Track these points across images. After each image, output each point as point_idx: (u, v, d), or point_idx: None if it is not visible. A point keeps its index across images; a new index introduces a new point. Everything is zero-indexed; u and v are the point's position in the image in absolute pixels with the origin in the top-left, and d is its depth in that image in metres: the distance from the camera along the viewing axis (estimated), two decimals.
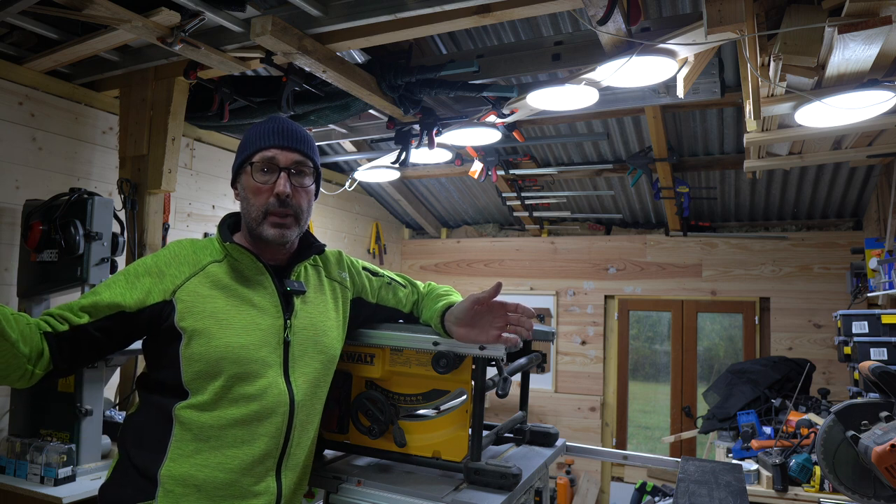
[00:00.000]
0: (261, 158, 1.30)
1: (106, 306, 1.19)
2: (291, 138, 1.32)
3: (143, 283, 1.23)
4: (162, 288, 1.23)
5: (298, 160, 1.32)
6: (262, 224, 1.30)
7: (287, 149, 1.31)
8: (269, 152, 1.30)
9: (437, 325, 1.40)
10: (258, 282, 1.31)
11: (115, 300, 1.20)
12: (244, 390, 1.22)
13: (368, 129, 3.95)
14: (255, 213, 1.30)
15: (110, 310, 1.19)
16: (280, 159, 1.30)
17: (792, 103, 2.36)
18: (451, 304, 1.41)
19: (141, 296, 1.22)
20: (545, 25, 3.04)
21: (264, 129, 1.33)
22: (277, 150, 1.30)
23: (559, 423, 5.11)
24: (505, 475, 1.32)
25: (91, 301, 1.20)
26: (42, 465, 2.18)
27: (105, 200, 2.51)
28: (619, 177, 4.67)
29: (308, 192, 1.35)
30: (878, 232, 3.83)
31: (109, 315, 1.19)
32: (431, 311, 1.45)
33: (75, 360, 1.19)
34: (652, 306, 5.17)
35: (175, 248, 1.31)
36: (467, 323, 1.35)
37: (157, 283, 1.23)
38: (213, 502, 1.20)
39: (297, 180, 1.32)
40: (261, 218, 1.30)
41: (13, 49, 2.72)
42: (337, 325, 1.41)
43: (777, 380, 3.55)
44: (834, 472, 1.62)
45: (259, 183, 1.30)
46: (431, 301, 1.49)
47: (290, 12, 2.44)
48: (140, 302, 1.21)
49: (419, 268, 5.97)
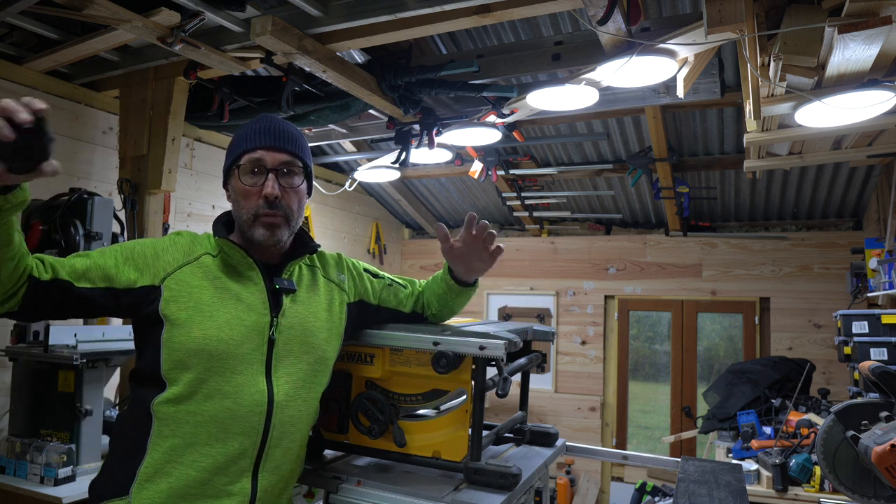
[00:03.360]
0: (248, 160, 1.29)
1: (99, 276, 1.20)
2: (278, 138, 1.30)
3: (137, 262, 1.24)
4: (153, 272, 1.23)
5: (286, 160, 1.30)
6: (253, 227, 1.29)
7: (274, 149, 1.29)
8: (255, 154, 1.29)
9: (448, 281, 1.50)
10: (248, 277, 1.30)
11: (108, 272, 1.20)
12: (219, 386, 1.21)
13: (368, 129, 3.95)
14: (245, 216, 1.30)
15: (102, 281, 1.20)
16: (267, 160, 1.28)
17: (792, 103, 2.36)
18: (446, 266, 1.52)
19: (133, 276, 1.22)
20: (545, 25, 3.04)
21: (251, 130, 1.32)
22: (264, 151, 1.29)
23: (559, 423, 5.11)
24: (505, 475, 1.31)
25: (85, 265, 1.19)
26: (42, 465, 2.18)
27: (105, 200, 2.51)
28: (619, 177, 4.67)
29: (298, 191, 1.33)
30: (878, 232, 3.83)
31: (98, 286, 1.20)
32: (436, 278, 1.54)
33: (40, 311, 1.18)
34: (652, 306, 5.17)
35: (174, 237, 1.32)
36: (464, 263, 1.48)
37: (150, 266, 1.24)
38: (186, 500, 1.19)
39: (286, 181, 1.30)
40: (251, 221, 1.29)
41: (13, 49, 2.72)
42: (329, 327, 1.39)
43: (777, 380, 3.55)
44: (834, 472, 1.62)
45: (247, 185, 1.29)
46: (433, 280, 1.57)
47: (290, 12, 2.44)
48: (130, 282, 1.22)
49: (419, 268, 5.97)
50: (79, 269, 1.19)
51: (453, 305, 1.55)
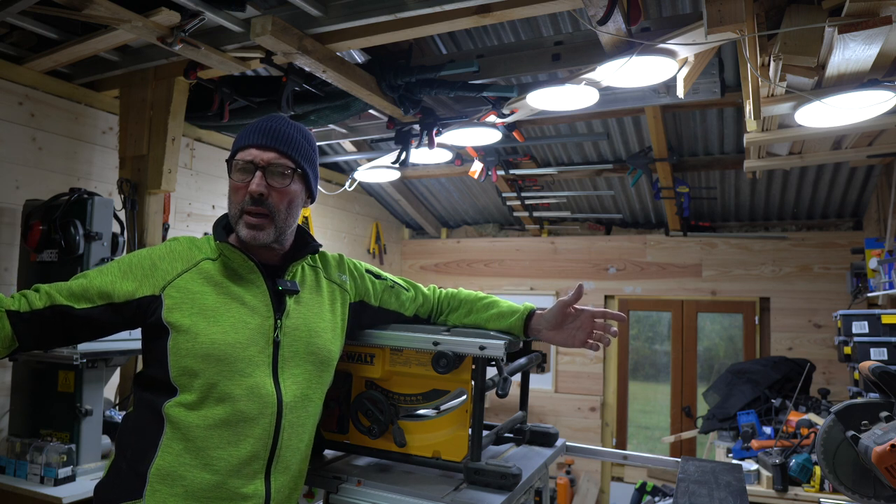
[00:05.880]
0: (240, 157, 1.30)
1: (97, 294, 1.20)
2: (271, 137, 1.29)
3: (135, 274, 1.24)
4: (152, 282, 1.24)
5: (273, 160, 1.29)
6: (238, 223, 1.30)
7: (264, 148, 1.29)
8: (248, 152, 1.29)
9: (519, 331, 1.47)
10: (250, 280, 1.30)
11: (105, 289, 1.21)
12: (229, 389, 1.21)
13: (368, 129, 3.95)
14: (233, 211, 1.31)
15: (100, 299, 1.20)
16: (257, 159, 1.29)
17: (792, 103, 2.36)
18: (529, 310, 1.49)
19: (131, 288, 1.22)
20: (545, 25, 3.04)
21: (251, 128, 1.33)
22: (256, 150, 1.29)
23: (559, 423, 5.11)
24: (505, 475, 1.31)
25: (82, 286, 1.20)
26: (42, 465, 2.18)
27: (105, 200, 2.51)
28: (619, 177, 4.67)
29: (286, 192, 1.31)
30: (878, 232, 3.83)
31: (97, 305, 1.20)
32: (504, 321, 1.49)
33: (43, 340, 1.19)
34: (652, 306, 5.17)
35: (171, 244, 1.32)
36: (555, 326, 1.46)
37: (149, 276, 1.24)
38: (200, 503, 1.19)
39: (275, 181, 1.29)
40: (237, 217, 1.30)
41: (13, 49, 2.72)
42: (332, 328, 1.39)
43: (777, 380, 3.55)
44: (834, 472, 1.62)
45: (237, 182, 1.30)
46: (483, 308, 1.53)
47: (290, 12, 2.44)
48: (129, 294, 1.22)
49: (419, 268, 5.97)
50: (76, 291, 1.19)
51: None
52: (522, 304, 1.52)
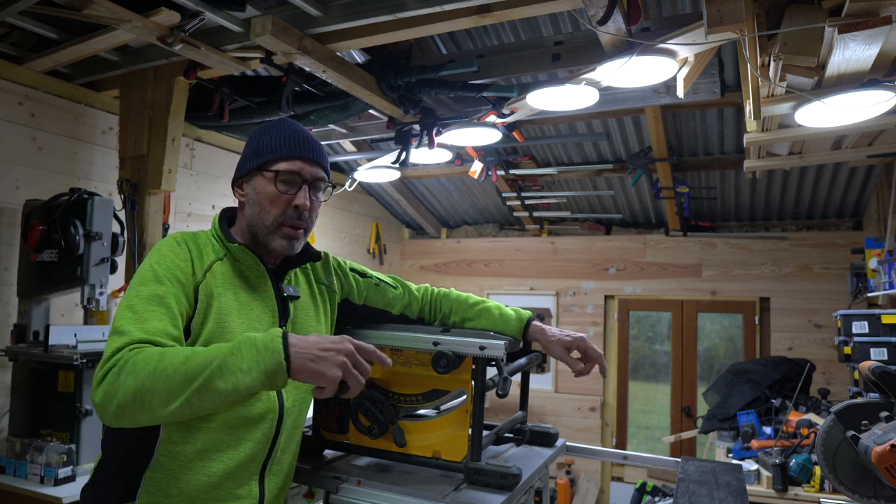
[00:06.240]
0: (286, 168, 1.29)
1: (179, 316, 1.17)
2: (317, 152, 1.33)
3: (184, 287, 1.20)
4: (187, 292, 1.20)
5: (321, 176, 1.33)
6: (274, 234, 1.29)
7: (313, 163, 1.31)
8: (295, 164, 1.29)
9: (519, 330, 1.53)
10: (259, 285, 1.31)
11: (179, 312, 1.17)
12: None
13: (368, 129, 3.95)
14: (269, 221, 1.29)
15: (183, 320, 1.18)
16: (305, 172, 1.30)
17: (792, 103, 2.36)
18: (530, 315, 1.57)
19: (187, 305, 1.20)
20: (545, 25, 3.04)
21: (288, 137, 1.31)
22: (303, 163, 1.30)
23: (559, 423, 5.11)
24: (505, 475, 1.31)
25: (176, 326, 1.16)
26: (42, 465, 2.18)
27: (105, 200, 2.51)
28: (619, 177, 4.67)
29: (319, 205, 1.38)
30: (878, 232, 3.83)
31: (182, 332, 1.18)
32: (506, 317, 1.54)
33: None
34: (652, 306, 5.17)
35: (176, 250, 1.24)
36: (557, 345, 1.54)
37: (185, 288, 1.20)
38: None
39: (315, 194, 1.34)
40: (273, 227, 1.29)
41: (13, 49, 2.72)
42: (326, 331, 1.42)
43: (777, 380, 3.55)
44: (834, 472, 1.62)
45: (281, 192, 1.29)
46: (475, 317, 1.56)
47: (290, 12, 2.44)
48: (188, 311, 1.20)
49: (419, 268, 5.97)
50: (174, 334, 1.15)
51: None
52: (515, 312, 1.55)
